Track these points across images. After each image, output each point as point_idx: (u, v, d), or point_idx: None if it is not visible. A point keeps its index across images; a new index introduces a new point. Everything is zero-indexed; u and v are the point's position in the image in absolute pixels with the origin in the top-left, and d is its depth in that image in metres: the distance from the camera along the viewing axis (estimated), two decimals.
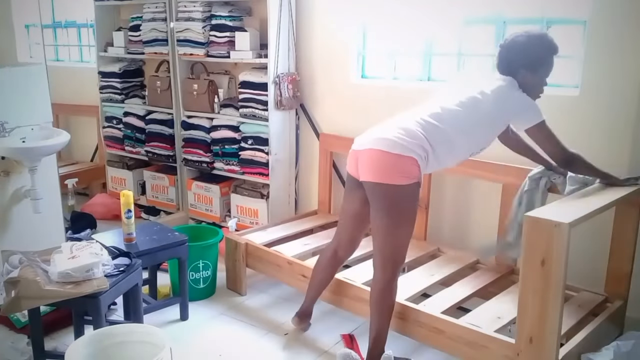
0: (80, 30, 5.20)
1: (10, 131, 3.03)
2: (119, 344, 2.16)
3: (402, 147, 2.28)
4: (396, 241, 2.41)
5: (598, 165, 2.65)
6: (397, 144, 2.29)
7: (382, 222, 2.39)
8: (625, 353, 2.30)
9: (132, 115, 4.47)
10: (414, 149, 2.28)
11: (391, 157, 2.29)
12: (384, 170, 2.31)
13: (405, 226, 2.39)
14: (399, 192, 2.31)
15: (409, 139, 2.30)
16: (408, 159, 2.28)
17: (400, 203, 2.34)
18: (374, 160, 2.34)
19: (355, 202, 2.57)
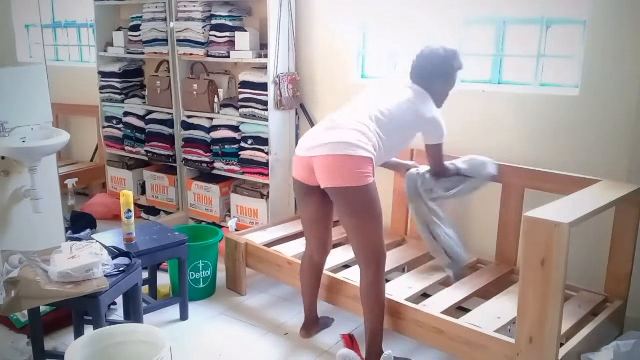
0: (80, 30, 5.20)
1: (10, 131, 3.03)
2: (119, 344, 2.16)
3: (362, 150, 2.35)
4: (369, 238, 2.45)
5: (598, 166, 2.68)
6: (355, 146, 2.34)
7: (352, 223, 2.44)
8: (625, 353, 2.30)
9: (132, 115, 4.47)
10: (369, 149, 2.37)
11: (352, 160, 2.34)
12: (347, 174, 2.35)
13: (374, 222, 2.44)
14: (363, 192, 2.36)
15: (365, 139, 2.38)
16: (367, 159, 2.36)
17: (365, 202, 2.39)
18: (335, 165, 2.37)
19: (311, 207, 2.61)
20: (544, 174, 2.75)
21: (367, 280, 2.47)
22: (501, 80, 3.08)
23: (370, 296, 2.47)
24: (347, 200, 2.40)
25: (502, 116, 2.98)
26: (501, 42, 3.04)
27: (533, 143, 2.89)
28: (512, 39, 3.01)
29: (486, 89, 3.05)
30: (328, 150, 2.37)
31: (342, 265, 3.00)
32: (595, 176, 2.62)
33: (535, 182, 2.78)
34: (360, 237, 2.46)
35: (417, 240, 3.23)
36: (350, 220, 2.44)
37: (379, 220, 2.45)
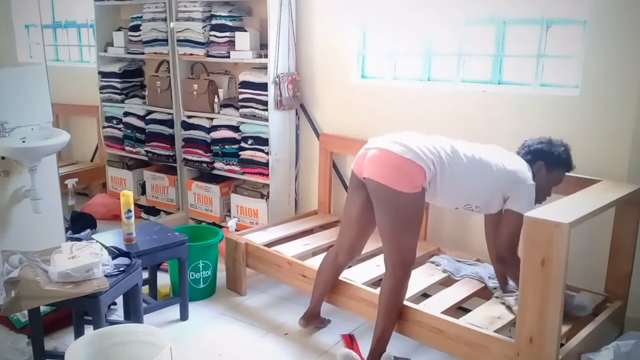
0: (80, 30, 5.20)
1: (10, 131, 3.03)
2: (119, 344, 2.16)
3: (416, 155, 2.30)
4: (402, 245, 2.41)
5: (598, 166, 2.67)
6: (412, 150, 2.31)
7: (387, 226, 2.40)
8: (625, 353, 2.30)
9: (132, 115, 4.47)
10: (426, 161, 2.31)
11: (401, 160, 2.30)
12: (392, 172, 2.32)
13: (411, 232, 2.40)
14: (403, 199, 2.32)
15: (425, 150, 2.33)
16: (417, 166, 2.30)
17: (404, 210, 2.34)
18: (384, 159, 2.35)
19: (356, 204, 2.56)
20: None
21: (391, 282, 2.45)
22: (501, 80, 3.08)
23: (390, 298, 2.46)
24: (384, 200, 2.36)
25: (502, 116, 2.98)
26: (501, 42, 3.04)
27: None
28: (512, 39, 3.01)
29: (486, 89, 3.05)
30: (385, 145, 2.37)
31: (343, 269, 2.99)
32: (595, 176, 2.62)
33: None
34: (395, 244, 2.41)
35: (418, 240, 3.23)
36: (385, 223, 2.40)
37: (415, 231, 2.40)
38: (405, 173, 2.30)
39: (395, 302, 2.47)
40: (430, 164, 2.32)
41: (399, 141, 2.36)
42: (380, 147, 2.37)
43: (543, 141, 2.52)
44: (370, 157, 2.39)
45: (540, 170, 2.47)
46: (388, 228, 2.40)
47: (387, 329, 2.49)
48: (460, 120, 3.11)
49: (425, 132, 3.21)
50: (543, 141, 2.52)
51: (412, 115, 3.30)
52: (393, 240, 2.41)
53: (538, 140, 2.53)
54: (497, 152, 2.50)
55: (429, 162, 2.31)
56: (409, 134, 2.46)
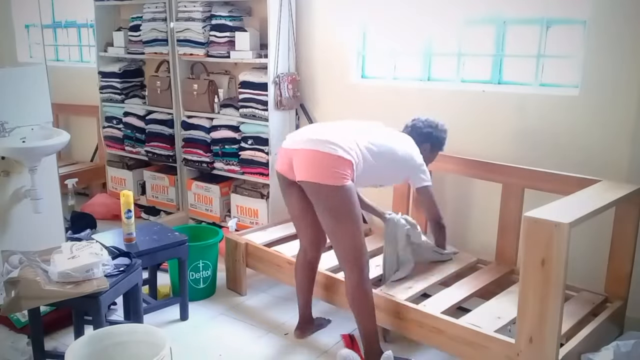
0: (80, 30, 5.20)
1: (10, 131, 3.03)
2: (119, 344, 2.16)
3: (343, 151, 2.39)
4: (348, 240, 2.46)
5: (598, 166, 2.67)
6: (338, 146, 2.40)
7: (328, 222, 2.48)
8: (625, 353, 2.30)
9: (132, 115, 4.47)
10: (352, 154, 2.42)
11: (330, 158, 2.38)
12: (322, 171, 2.39)
13: (351, 224, 2.44)
14: (338, 192, 2.38)
15: (349, 144, 2.43)
16: (347, 161, 2.39)
17: (340, 203, 2.41)
18: (312, 160, 2.41)
19: (293, 202, 2.64)
20: (544, 174, 2.75)
21: (351, 282, 2.49)
22: (501, 80, 3.08)
23: (356, 299, 2.50)
24: (322, 198, 2.43)
25: (502, 116, 2.98)
26: (501, 42, 3.04)
27: (533, 143, 2.89)
28: (512, 39, 3.01)
29: (486, 89, 3.05)
30: (310, 145, 2.43)
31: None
32: (595, 176, 2.62)
33: (535, 182, 2.78)
34: (340, 239, 2.48)
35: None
36: (326, 220, 2.47)
37: (357, 224, 2.45)
38: (338, 169, 2.38)
39: (364, 300, 2.49)
40: (355, 156, 2.44)
41: (320, 138, 2.44)
42: (307, 148, 2.44)
43: (432, 125, 2.82)
44: (301, 159, 2.45)
45: (425, 150, 2.78)
46: (330, 225, 2.47)
47: (369, 327, 2.52)
48: (460, 121, 3.11)
49: None
50: (432, 125, 2.82)
51: (412, 115, 3.29)
52: (338, 238, 2.48)
53: (427, 123, 2.82)
54: (394, 136, 2.70)
55: (353, 155, 2.43)
56: (324, 129, 2.55)
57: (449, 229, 3.24)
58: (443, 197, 3.24)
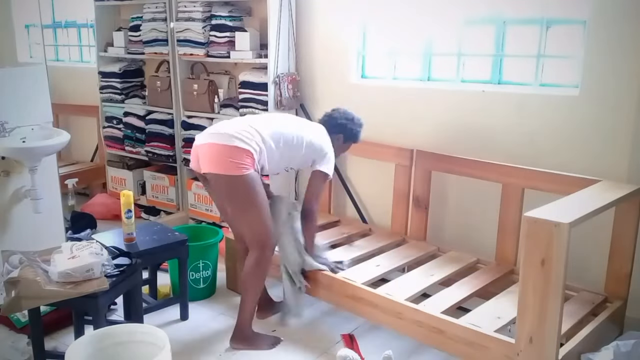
0: (80, 30, 5.20)
1: (10, 131, 3.03)
2: (119, 344, 2.16)
3: (240, 141, 2.54)
4: (251, 226, 2.65)
5: (598, 166, 2.67)
6: (234, 137, 2.54)
7: (232, 210, 2.69)
8: (625, 353, 2.30)
9: (132, 115, 4.47)
10: (250, 143, 2.55)
11: (228, 149, 2.53)
12: (221, 162, 2.54)
13: (253, 211, 2.61)
14: (237, 181, 2.54)
15: (245, 134, 2.57)
16: (244, 151, 2.53)
17: (240, 191, 2.57)
18: (213, 153, 2.58)
19: (214, 195, 2.89)
20: (544, 174, 2.75)
21: (249, 261, 2.67)
22: (501, 80, 3.08)
23: (249, 277, 2.67)
24: (223, 187, 2.61)
25: (502, 116, 2.98)
26: (501, 42, 3.04)
27: (533, 143, 2.89)
28: (512, 39, 3.01)
29: (486, 89, 3.05)
30: (210, 139, 2.60)
31: None
32: (595, 176, 2.62)
33: (535, 182, 2.78)
34: (243, 224, 2.70)
35: (417, 240, 3.23)
36: (230, 207, 2.68)
37: (259, 210, 2.61)
38: (235, 159, 2.52)
39: (253, 280, 2.67)
40: (254, 145, 2.56)
41: (220, 131, 2.59)
42: (207, 142, 2.60)
43: (348, 117, 2.93)
44: (203, 153, 2.61)
45: (338, 140, 2.90)
46: (236, 211, 2.67)
47: (248, 308, 2.70)
48: (460, 120, 3.11)
49: (425, 132, 3.23)
50: (348, 117, 2.93)
51: (412, 115, 3.30)
52: (242, 223, 2.71)
53: (344, 115, 2.93)
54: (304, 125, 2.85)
55: (252, 144, 2.56)
56: (225, 123, 2.70)
57: (450, 229, 3.25)
58: (443, 197, 3.25)
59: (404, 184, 3.28)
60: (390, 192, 3.35)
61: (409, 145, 3.26)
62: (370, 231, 3.46)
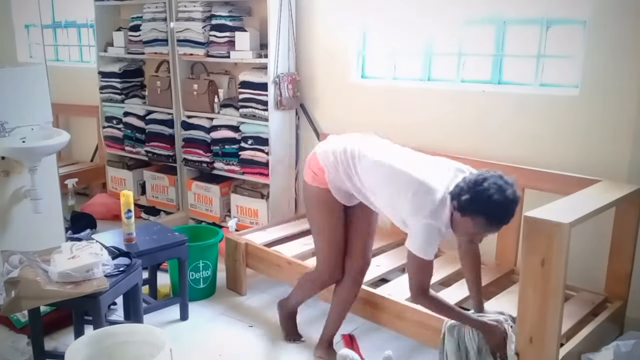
0: (80, 30, 5.20)
1: (10, 131, 3.03)
2: (119, 344, 2.16)
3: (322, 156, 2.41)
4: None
5: (598, 166, 2.66)
6: (324, 151, 2.42)
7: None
8: (625, 353, 2.30)
9: (132, 115, 4.47)
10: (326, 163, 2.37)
11: (312, 159, 2.47)
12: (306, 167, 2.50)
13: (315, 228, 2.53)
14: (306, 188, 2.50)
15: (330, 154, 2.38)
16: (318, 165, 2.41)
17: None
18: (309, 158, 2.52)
19: None
20: (544, 174, 2.75)
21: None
22: (501, 80, 3.08)
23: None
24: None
25: (502, 116, 2.98)
26: (501, 42, 3.04)
27: (533, 143, 2.89)
28: (512, 39, 3.01)
29: (486, 89, 3.06)
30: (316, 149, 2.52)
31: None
32: (595, 176, 2.62)
33: (535, 182, 2.78)
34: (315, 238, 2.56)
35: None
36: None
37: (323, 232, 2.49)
38: (310, 169, 2.45)
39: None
40: (331, 167, 2.36)
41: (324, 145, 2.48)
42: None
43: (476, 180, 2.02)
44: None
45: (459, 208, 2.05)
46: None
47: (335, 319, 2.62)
48: (460, 120, 3.11)
49: (425, 132, 3.23)
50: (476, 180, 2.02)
51: (412, 115, 3.30)
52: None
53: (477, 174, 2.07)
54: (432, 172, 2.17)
55: (328, 165, 2.36)
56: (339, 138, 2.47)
57: None
58: None
59: None
60: None
61: (408, 145, 3.25)
62: None
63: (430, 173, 2.15)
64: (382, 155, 2.30)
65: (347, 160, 2.33)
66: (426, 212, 2.07)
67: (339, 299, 2.58)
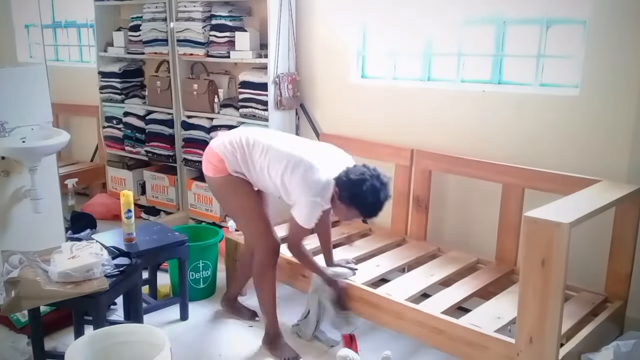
0: (80, 30, 5.20)
1: (10, 131, 3.03)
2: (119, 344, 2.16)
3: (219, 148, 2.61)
4: (242, 228, 2.80)
5: (598, 166, 2.66)
6: (218, 145, 2.62)
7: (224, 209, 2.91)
8: (625, 353, 2.30)
9: (132, 115, 4.47)
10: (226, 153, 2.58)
11: (209, 153, 2.65)
12: (205, 163, 2.68)
13: (238, 213, 2.72)
14: (212, 182, 2.67)
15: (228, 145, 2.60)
16: (218, 157, 2.59)
17: (218, 192, 2.70)
18: (205, 154, 2.70)
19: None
20: (544, 174, 2.75)
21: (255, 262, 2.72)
22: (501, 80, 3.08)
23: (257, 279, 2.71)
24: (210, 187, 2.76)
25: (502, 116, 2.98)
26: (501, 42, 3.03)
27: (533, 143, 2.89)
28: (512, 39, 3.01)
29: (486, 89, 3.05)
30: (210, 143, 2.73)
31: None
32: (595, 176, 2.62)
33: (535, 182, 2.78)
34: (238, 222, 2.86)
35: (417, 240, 3.23)
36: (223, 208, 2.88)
37: (241, 210, 2.68)
38: (210, 163, 2.63)
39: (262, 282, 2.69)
40: (229, 155, 2.58)
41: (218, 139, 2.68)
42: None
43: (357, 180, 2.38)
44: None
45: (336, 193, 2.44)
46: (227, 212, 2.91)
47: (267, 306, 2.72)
48: (460, 120, 3.11)
49: (425, 132, 3.23)
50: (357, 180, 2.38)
51: (412, 115, 3.30)
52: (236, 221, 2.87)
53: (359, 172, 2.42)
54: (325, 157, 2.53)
55: (228, 154, 2.58)
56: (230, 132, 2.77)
57: (450, 229, 3.25)
58: (443, 197, 3.24)
59: (404, 184, 3.28)
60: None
61: (408, 145, 3.26)
62: (370, 231, 3.46)
63: (317, 157, 2.52)
64: (273, 141, 2.60)
65: (243, 147, 2.59)
66: (314, 191, 2.43)
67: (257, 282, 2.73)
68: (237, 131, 2.77)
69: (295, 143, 2.63)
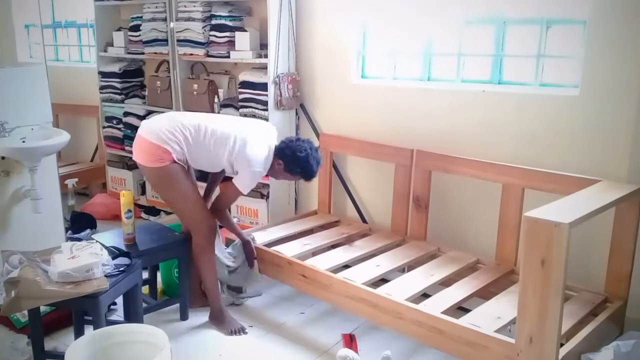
0: (80, 30, 5.20)
1: (10, 131, 3.03)
2: (119, 344, 2.16)
3: (162, 140, 2.75)
4: (181, 211, 2.95)
5: (598, 166, 2.67)
6: (158, 136, 2.76)
7: (164, 198, 3.05)
8: (625, 353, 2.30)
9: (132, 115, 4.46)
10: (170, 143, 2.76)
11: (149, 145, 2.78)
12: (145, 155, 2.82)
13: (179, 199, 2.87)
14: (155, 172, 2.82)
15: (168, 135, 2.76)
16: (162, 149, 2.75)
17: (158, 180, 2.87)
18: (141, 146, 2.83)
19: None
20: (544, 174, 2.75)
21: (194, 244, 2.91)
22: (501, 80, 3.08)
23: (198, 259, 2.91)
24: (150, 177, 2.93)
25: (502, 116, 2.98)
26: (501, 42, 3.04)
27: (533, 143, 2.89)
28: (512, 39, 3.01)
29: (486, 89, 3.05)
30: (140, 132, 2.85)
31: (342, 265, 2.99)
32: (595, 176, 2.62)
33: (535, 182, 2.78)
34: (175, 210, 3.00)
35: (417, 240, 3.23)
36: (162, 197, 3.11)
37: (182, 197, 2.85)
38: (154, 155, 2.77)
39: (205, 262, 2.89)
40: (175, 145, 2.76)
41: (150, 128, 2.83)
42: (139, 133, 2.86)
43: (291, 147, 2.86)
44: (136, 144, 2.88)
45: (278, 164, 2.88)
46: (166, 199, 3.02)
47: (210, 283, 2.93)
48: (460, 120, 3.11)
49: (425, 132, 3.23)
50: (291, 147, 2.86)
51: (412, 115, 3.30)
52: (174, 209, 3.03)
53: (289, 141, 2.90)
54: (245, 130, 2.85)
55: (173, 144, 2.76)
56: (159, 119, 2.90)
57: (450, 229, 3.26)
58: (443, 197, 3.24)
59: (404, 184, 3.28)
60: (390, 192, 3.35)
61: (408, 145, 3.26)
62: (370, 231, 3.46)
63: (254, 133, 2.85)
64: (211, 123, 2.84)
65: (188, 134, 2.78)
66: (257, 163, 2.78)
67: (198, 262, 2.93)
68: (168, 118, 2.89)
69: (232, 123, 2.93)
